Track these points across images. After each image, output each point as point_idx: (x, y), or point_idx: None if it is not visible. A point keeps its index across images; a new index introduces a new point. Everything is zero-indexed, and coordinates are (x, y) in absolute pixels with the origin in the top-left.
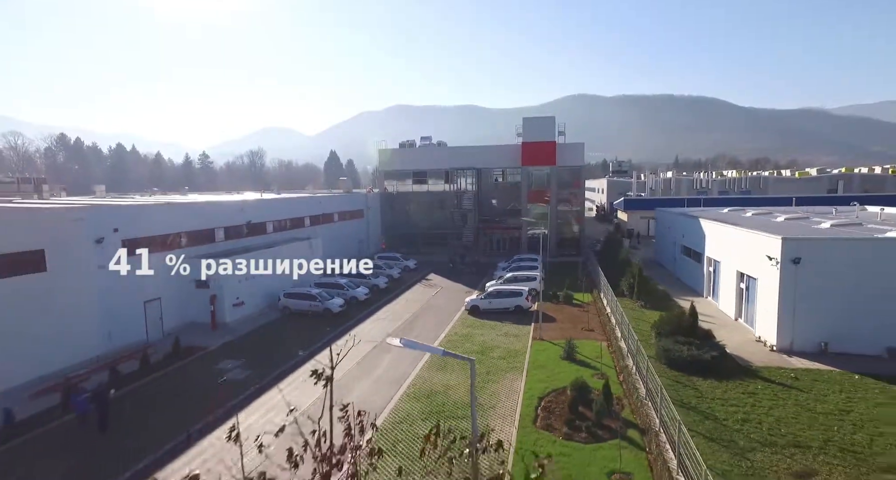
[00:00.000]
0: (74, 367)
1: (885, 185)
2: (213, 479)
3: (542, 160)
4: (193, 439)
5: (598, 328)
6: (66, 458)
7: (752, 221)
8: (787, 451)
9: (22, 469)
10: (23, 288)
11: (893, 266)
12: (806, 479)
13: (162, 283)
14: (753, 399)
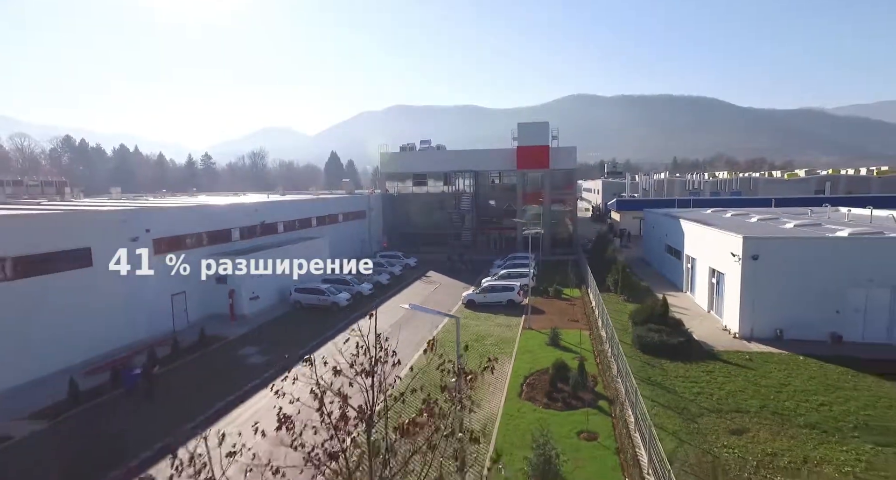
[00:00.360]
0: (116, 351)
1: (870, 186)
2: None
3: (537, 164)
4: (228, 408)
5: (583, 319)
6: (122, 421)
7: (729, 221)
8: (729, 415)
9: (89, 430)
10: (73, 281)
11: (837, 262)
12: (739, 435)
13: (186, 278)
14: (710, 377)
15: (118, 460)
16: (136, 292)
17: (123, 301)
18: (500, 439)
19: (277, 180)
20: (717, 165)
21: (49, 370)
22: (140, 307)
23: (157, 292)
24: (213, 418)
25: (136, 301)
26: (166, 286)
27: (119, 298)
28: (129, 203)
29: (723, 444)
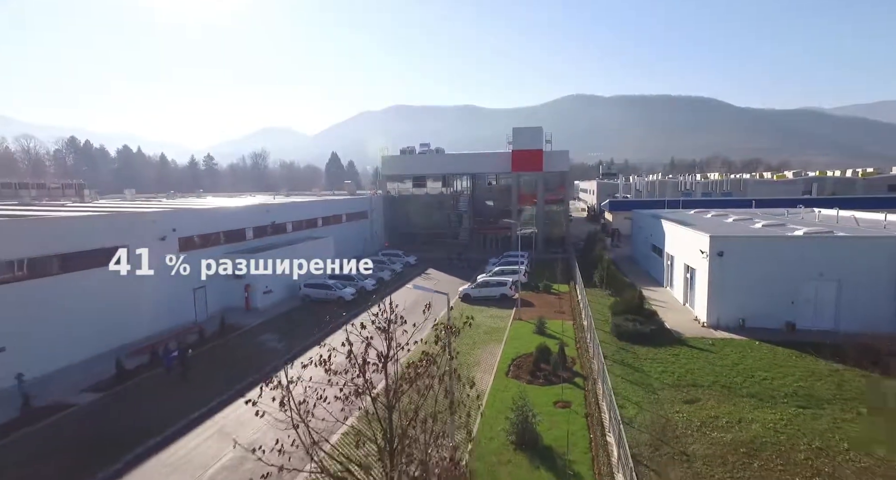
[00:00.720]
0: (148, 337)
1: (854, 187)
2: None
3: (531, 166)
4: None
5: (569, 311)
6: (163, 396)
7: (707, 221)
8: (685, 389)
9: (136, 401)
10: (113, 275)
11: (792, 258)
12: (691, 403)
13: (195, 276)
14: (675, 359)
15: (165, 425)
16: (163, 285)
17: (153, 293)
18: (488, 408)
19: (279, 180)
20: (713, 166)
21: (96, 351)
22: (168, 298)
23: (181, 286)
24: (253, 382)
25: (164, 294)
26: (189, 281)
27: (150, 290)
28: (156, 205)
29: (676, 410)
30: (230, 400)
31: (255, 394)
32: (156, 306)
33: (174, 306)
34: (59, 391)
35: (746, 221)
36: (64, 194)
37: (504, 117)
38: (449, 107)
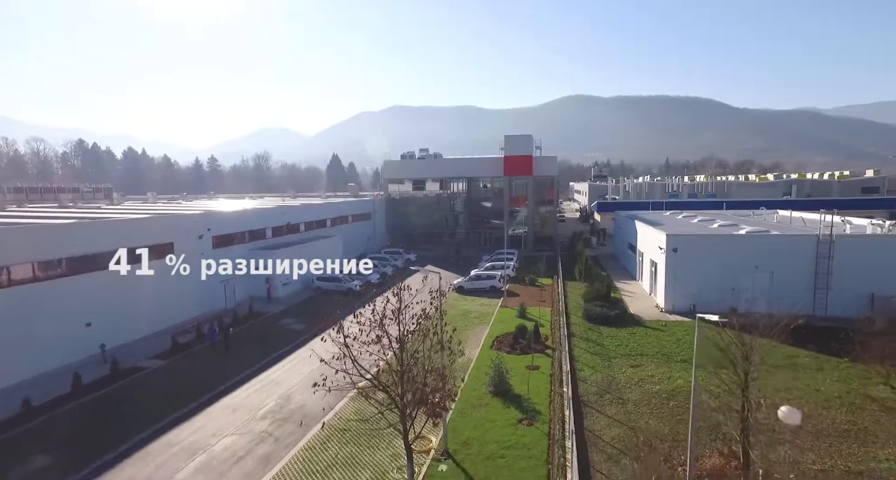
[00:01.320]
0: (190, 320)
1: (831, 190)
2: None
3: (522, 171)
4: (290, 352)
5: (549, 300)
6: (213, 363)
7: (675, 222)
8: (633, 357)
9: (192, 366)
10: (163, 268)
11: (735, 253)
12: (635, 368)
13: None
14: (631, 336)
15: (219, 382)
16: (197, 277)
17: (193, 283)
18: (475, 370)
19: (280, 181)
20: (707, 167)
21: (152, 330)
22: (204, 288)
23: (214, 278)
24: (286, 353)
25: (201, 284)
26: (219, 274)
27: (192, 281)
28: (184, 207)
29: (622, 372)
30: (266, 367)
31: (297, 356)
32: (196, 293)
33: (208, 295)
34: (133, 358)
35: (708, 221)
36: (94, 197)
37: (503, 118)
38: (448, 107)
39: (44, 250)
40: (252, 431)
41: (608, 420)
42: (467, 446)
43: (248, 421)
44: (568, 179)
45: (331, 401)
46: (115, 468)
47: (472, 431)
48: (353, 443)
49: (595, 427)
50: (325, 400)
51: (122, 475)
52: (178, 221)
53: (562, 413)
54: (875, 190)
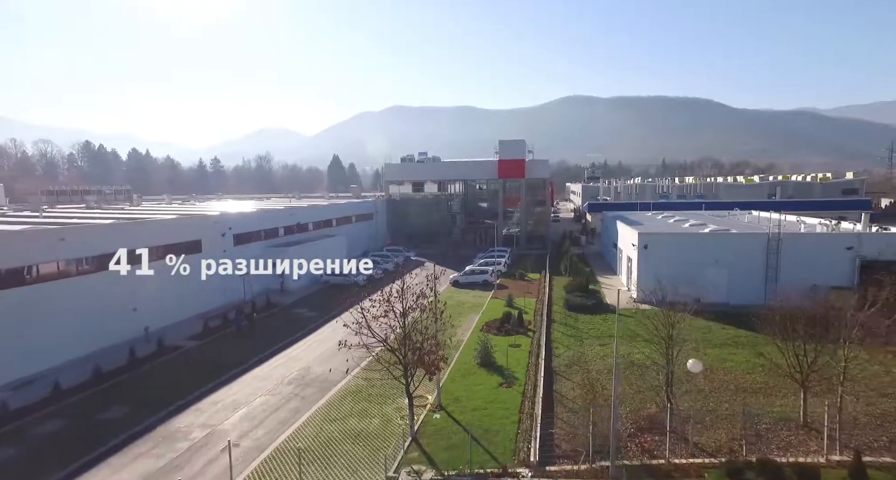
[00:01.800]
0: (216, 309)
1: (812, 191)
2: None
3: (515, 174)
4: (305, 334)
5: (535, 292)
6: (240, 343)
7: (653, 221)
8: (602, 338)
9: (222, 346)
10: (192, 263)
11: (698, 249)
12: (602, 346)
13: (246, 263)
14: (603, 322)
15: (247, 358)
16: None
17: (217, 276)
18: (465, 348)
19: (282, 182)
20: (704, 167)
21: (184, 316)
22: (226, 280)
23: (230, 272)
24: (301, 336)
25: (224, 277)
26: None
27: (216, 274)
28: (205, 208)
29: (591, 350)
30: (286, 347)
31: (312, 338)
32: (220, 285)
33: (230, 287)
34: (172, 339)
35: (682, 221)
36: (116, 199)
37: (502, 118)
38: (447, 108)
39: (103, 245)
40: (281, 393)
41: (573, 385)
42: (457, 401)
43: (277, 386)
44: (566, 179)
45: (345, 365)
46: (176, 418)
47: (462, 391)
48: (364, 401)
49: (562, 389)
50: (340, 371)
51: (184, 420)
52: (205, 221)
53: (535, 379)
54: (854, 192)
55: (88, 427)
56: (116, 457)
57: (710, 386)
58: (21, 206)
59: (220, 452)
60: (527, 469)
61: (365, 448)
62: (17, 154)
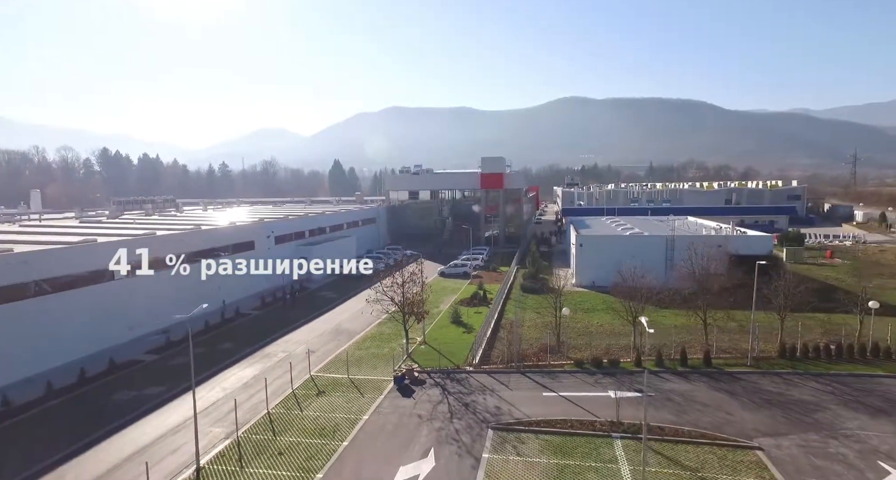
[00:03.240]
0: (267, 289)
1: (762, 197)
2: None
3: (494, 185)
4: (333, 306)
5: (502, 280)
6: (288, 312)
7: (601, 225)
8: (539, 310)
9: (276, 314)
10: (248, 259)
11: (620, 248)
12: (538, 314)
13: (286, 256)
14: (544, 299)
15: (296, 321)
16: (267, 262)
17: (265, 266)
18: (444, 314)
19: (286, 185)
20: (689, 171)
21: (246, 294)
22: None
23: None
24: (328, 308)
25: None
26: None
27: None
28: (240, 213)
29: (528, 315)
30: (320, 314)
31: (337, 310)
32: (267, 273)
33: (273, 274)
34: (243, 308)
35: (620, 225)
36: (164, 206)
37: (499, 119)
38: (445, 109)
39: (205, 244)
40: (325, 337)
41: (506, 332)
42: (435, 340)
43: (321, 334)
44: (557, 182)
45: (366, 322)
46: (264, 348)
47: (438, 335)
48: (378, 341)
49: (501, 336)
50: (363, 324)
51: (270, 350)
52: (254, 226)
53: (486, 329)
54: (798, 197)
55: (214, 352)
56: (236, 366)
57: (583, 329)
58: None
59: (299, 361)
60: (470, 366)
61: (380, 360)
62: (38, 160)
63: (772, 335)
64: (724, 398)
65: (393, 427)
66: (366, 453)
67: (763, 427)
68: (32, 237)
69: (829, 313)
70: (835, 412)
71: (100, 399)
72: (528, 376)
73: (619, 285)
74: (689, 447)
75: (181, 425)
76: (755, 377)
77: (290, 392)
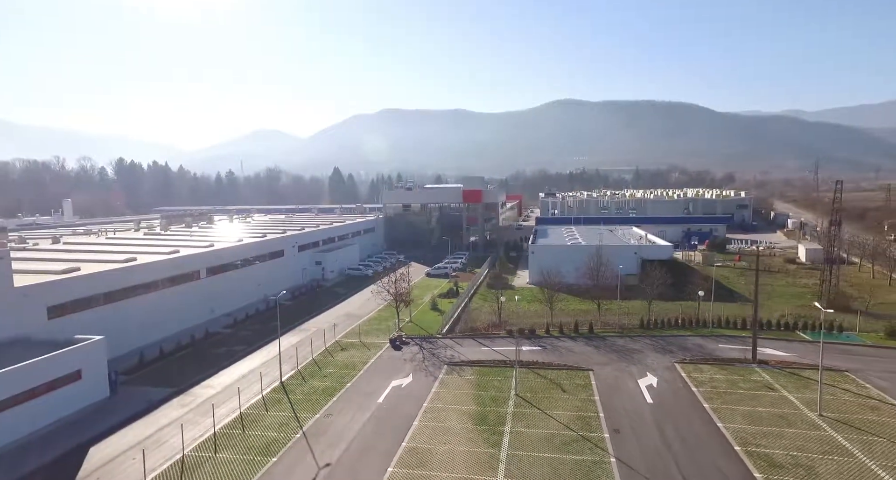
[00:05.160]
0: (295, 286)
1: (715, 206)
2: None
3: (474, 200)
4: (346, 298)
5: (474, 279)
6: (312, 302)
7: (557, 233)
8: (491, 301)
9: (306, 301)
10: (278, 262)
11: (563, 254)
12: (509, 301)
13: (304, 262)
14: (503, 293)
15: (320, 307)
16: (293, 267)
17: (291, 270)
18: (425, 304)
19: (288, 189)
20: (672, 175)
21: (287, 287)
22: (294, 272)
23: (297, 267)
24: (341, 300)
25: (293, 270)
26: (299, 264)
27: (289, 269)
28: (267, 223)
29: (489, 303)
30: (335, 304)
31: (347, 302)
32: (294, 273)
33: (296, 276)
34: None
35: (570, 235)
36: (200, 218)
37: (494, 121)
38: (441, 111)
39: (248, 253)
40: (340, 318)
41: (475, 314)
42: (419, 320)
43: (338, 317)
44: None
45: (370, 309)
46: (301, 325)
47: (421, 318)
48: (378, 322)
49: (463, 316)
50: (367, 310)
51: (305, 325)
52: (285, 238)
53: (454, 313)
54: (745, 207)
55: (267, 328)
56: (286, 336)
57: (521, 312)
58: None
59: (328, 332)
60: (438, 335)
61: (380, 331)
62: (58, 168)
63: (645, 314)
64: (589, 349)
65: (388, 365)
66: (372, 376)
67: (601, 361)
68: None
69: (681, 300)
70: (645, 353)
71: (206, 352)
72: (475, 339)
73: (540, 282)
74: (554, 370)
75: (260, 366)
76: (615, 338)
77: (324, 349)
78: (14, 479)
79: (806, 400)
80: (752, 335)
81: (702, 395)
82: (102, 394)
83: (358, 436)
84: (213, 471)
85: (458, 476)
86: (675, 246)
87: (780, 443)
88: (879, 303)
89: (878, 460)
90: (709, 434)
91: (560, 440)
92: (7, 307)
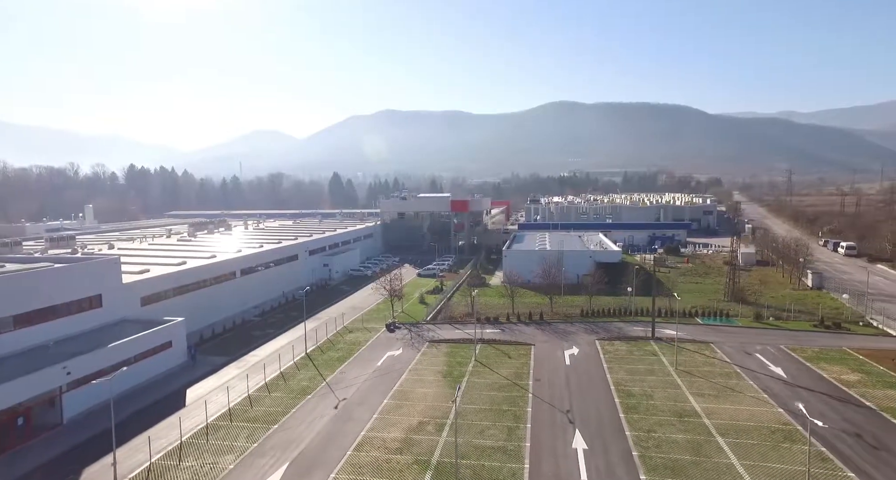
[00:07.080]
0: (309, 283)
1: (684, 212)
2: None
3: (462, 209)
4: (352, 292)
5: (458, 278)
6: (323, 295)
7: (533, 239)
8: (482, 297)
9: (318, 297)
10: (293, 265)
11: (531, 257)
12: (484, 297)
13: (314, 263)
14: (482, 290)
15: (328, 301)
16: (305, 268)
17: (302, 272)
18: (415, 299)
19: (288, 193)
20: (658, 180)
21: (294, 287)
22: (306, 273)
23: (308, 269)
24: (346, 296)
25: (304, 271)
26: (310, 266)
27: (301, 271)
28: (281, 230)
29: (465, 300)
30: (342, 298)
31: (352, 297)
32: (306, 274)
33: (306, 276)
34: (295, 295)
35: (541, 241)
36: (218, 225)
37: (490, 123)
38: (437, 112)
39: (273, 257)
40: (347, 310)
41: (454, 307)
42: (410, 312)
43: (346, 308)
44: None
45: (370, 302)
46: (319, 313)
47: (411, 309)
48: (377, 312)
49: (444, 308)
50: (368, 303)
51: (322, 312)
52: (298, 245)
53: (438, 306)
54: (710, 213)
55: (288, 317)
56: (308, 320)
57: (493, 305)
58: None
59: (338, 318)
60: (424, 321)
61: (378, 320)
62: (73, 174)
63: (587, 306)
64: (537, 331)
65: (384, 342)
66: (372, 349)
67: (542, 339)
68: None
69: (617, 295)
70: (577, 334)
71: (247, 333)
72: (452, 325)
73: (504, 281)
74: (506, 345)
75: (287, 344)
76: (559, 324)
77: (335, 331)
78: (146, 406)
79: (672, 361)
80: (651, 319)
81: (605, 360)
82: (184, 359)
83: (363, 384)
84: (270, 403)
85: (430, 404)
86: (642, 250)
87: (641, 384)
88: (770, 296)
89: (693, 389)
90: (599, 380)
91: (499, 385)
92: (118, 297)
